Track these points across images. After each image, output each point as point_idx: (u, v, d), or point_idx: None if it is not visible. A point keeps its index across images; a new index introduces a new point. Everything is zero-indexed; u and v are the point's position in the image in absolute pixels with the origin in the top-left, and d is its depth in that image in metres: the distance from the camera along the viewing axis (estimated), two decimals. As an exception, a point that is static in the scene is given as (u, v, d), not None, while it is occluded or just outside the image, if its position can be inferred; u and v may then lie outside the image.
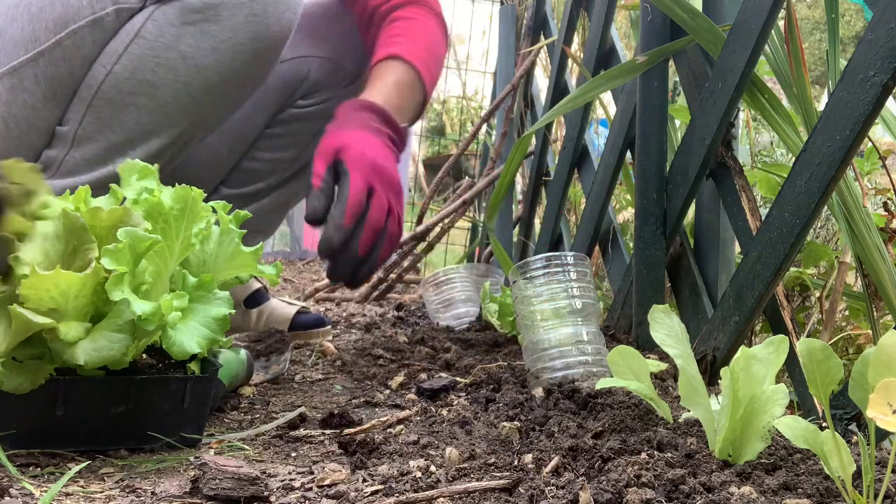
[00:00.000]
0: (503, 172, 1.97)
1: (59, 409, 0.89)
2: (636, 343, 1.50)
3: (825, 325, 1.42)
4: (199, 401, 0.96)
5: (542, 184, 2.42)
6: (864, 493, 0.72)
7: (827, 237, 1.99)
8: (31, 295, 0.83)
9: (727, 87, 1.33)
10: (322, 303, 2.50)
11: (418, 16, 1.50)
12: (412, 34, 1.47)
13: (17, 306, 0.83)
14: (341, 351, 1.59)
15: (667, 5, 1.43)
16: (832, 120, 1.06)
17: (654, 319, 0.92)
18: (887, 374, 0.66)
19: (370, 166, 1.27)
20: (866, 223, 1.16)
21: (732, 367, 0.85)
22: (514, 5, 2.80)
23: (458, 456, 0.88)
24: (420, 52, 1.45)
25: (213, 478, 0.78)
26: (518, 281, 1.24)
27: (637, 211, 1.55)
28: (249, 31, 1.29)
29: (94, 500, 0.79)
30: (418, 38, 1.47)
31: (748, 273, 1.20)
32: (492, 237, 2.10)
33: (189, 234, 0.96)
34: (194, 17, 1.26)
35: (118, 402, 0.92)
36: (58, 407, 0.89)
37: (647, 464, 0.80)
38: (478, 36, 4.16)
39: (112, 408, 0.92)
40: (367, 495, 0.78)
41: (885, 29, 0.98)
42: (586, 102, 1.81)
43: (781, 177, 1.61)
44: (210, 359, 1.01)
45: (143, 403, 0.93)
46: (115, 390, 0.92)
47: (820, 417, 1.08)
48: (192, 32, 1.26)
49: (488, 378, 1.29)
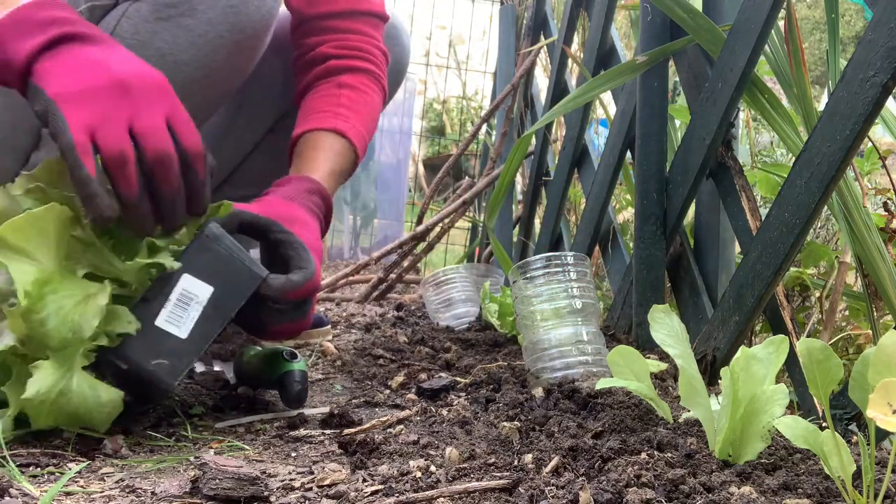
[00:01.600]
0: (503, 172, 1.97)
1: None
2: (636, 343, 1.50)
3: (825, 325, 1.42)
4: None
5: (542, 184, 2.42)
6: (864, 493, 0.72)
7: (827, 237, 1.99)
8: None
9: (727, 87, 1.33)
10: (322, 303, 2.50)
11: (367, 90, 1.46)
12: (359, 111, 1.43)
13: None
14: (341, 351, 1.59)
15: (667, 5, 1.44)
16: (832, 120, 1.06)
17: (654, 319, 0.92)
18: (887, 374, 0.66)
19: (318, 252, 1.20)
20: (866, 223, 1.16)
21: (732, 367, 0.85)
22: (514, 5, 2.80)
23: (458, 456, 0.88)
24: (363, 134, 1.43)
25: (213, 478, 0.78)
26: (518, 281, 1.24)
27: (637, 211, 1.55)
28: (228, 23, 1.24)
29: (94, 500, 0.79)
30: (364, 117, 1.43)
31: (748, 273, 1.20)
32: (492, 237, 2.10)
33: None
34: (169, 12, 1.20)
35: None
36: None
37: (647, 464, 0.80)
38: (478, 36, 4.16)
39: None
40: (367, 495, 0.78)
41: (885, 29, 0.98)
42: (586, 102, 1.81)
43: (781, 177, 1.61)
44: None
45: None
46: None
47: (820, 417, 1.08)
48: (168, 28, 1.21)
49: (488, 378, 1.29)
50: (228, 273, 1.00)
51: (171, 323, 0.96)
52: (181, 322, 0.96)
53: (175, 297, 0.96)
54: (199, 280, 0.98)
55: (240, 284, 1.01)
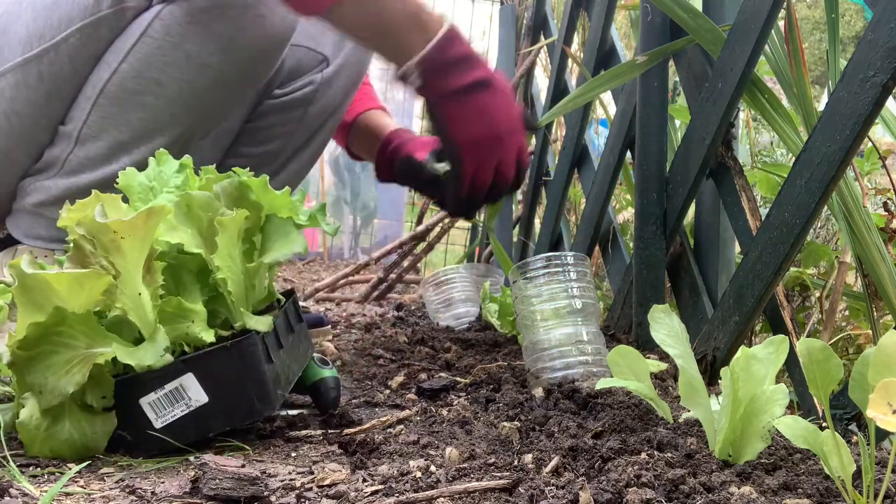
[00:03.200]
0: (503, 172, 1.97)
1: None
2: (636, 343, 1.50)
3: (825, 325, 1.42)
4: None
5: (542, 184, 2.42)
6: (864, 493, 0.72)
7: (827, 237, 1.99)
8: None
9: (727, 87, 1.33)
10: (322, 303, 2.50)
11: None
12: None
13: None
14: (341, 351, 1.59)
15: (667, 5, 1.43)
16: (832, 120, 1.06)
17: (654, 319, 0.92)
18: (887, 374, 0.66)
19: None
20: (866, 223, 1.16)
21: (732, 367, 0.85)
22: (514, 5, 2.80)
23: (458, 456, 0.88)
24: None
25: (213, 478, 0.78)
26: (518, 281, 1.24)
27: (637, 211, 1.55)
28: (255, 31, 1.29)
29: (94, 500, 0.79)
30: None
31: (748, 273, 1.20)
32: (492, 237, 2.10)
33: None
34: (202, 17, 1.25)
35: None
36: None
37: (647, 464, 0.80)
38: (478, 36, 4.16)
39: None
40: (367, 495, 0.78)
41: (885, 29, 0.98)
42: (586, 102, 1.81)
43: (781, 177, 1.61)
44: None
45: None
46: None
47: (820, 417, 1.08)
48: (199, 31, 1.25)
49: (488, 378, 1.29)
50: (231, 395, 0.96)
51: (152, 408, 0.94)
52: (163, 413, 0.94)
53: (169, 388, 0.94)
54: (200, 386, 0.94)
55: (233, 411, 0.96)
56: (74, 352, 0.89)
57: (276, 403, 0.98)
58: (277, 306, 1.09)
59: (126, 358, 0.90)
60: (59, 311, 0.87)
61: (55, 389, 0.88)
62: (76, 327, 0.89)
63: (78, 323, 0.89)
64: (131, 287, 0.91)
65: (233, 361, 0.95)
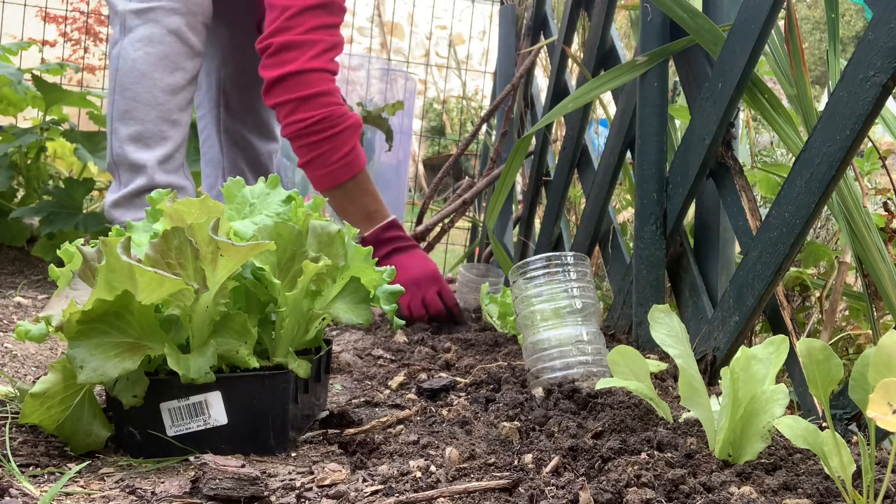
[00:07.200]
0: (503, 173, 1.97)
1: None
2: (636, 343, 1.50)
3: (825, 325, 1.42)
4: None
5: (542, 184, 2.42)
6: (864, 493, 0.72)
7: (827, 237, 1.99)
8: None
9: (727, 87, 1.33)
10: (322, 303, 2.50)
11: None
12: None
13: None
14: (341, 351, 1.59)
15: (667, 5, 1.44)
16: (832, 120, 1.06)
17: (654, 319, 0.92)
18: (887, 374, 0.66)
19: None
20: (866, 223, 1.16)
21: (732, 367, 0.85)
22: (514, 5, 2.80)
23: (458, 456, 0.88)
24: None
25: (213, 478, 0.78)
26: (518, 281, 1.24)
27: (637, 211, 1.55)
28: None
29: (94, 500, 0.79)
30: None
31: (748, 273, 1.20)
32: (492, 237, 2.10)
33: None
34: (138, 45, 1.85)
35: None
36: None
37: (647, 464, 0.80)
38: (478, 36, 4.16)
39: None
40: (367, 495, 0.78)
41: (885, 29, 0.98)
42: (586, 102, 1.81)
43: (781, 177, 1.61)
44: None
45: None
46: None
47: (820, 417, 1.08)
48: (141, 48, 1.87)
49: (488, 378, 1.29)
50: (251, 424, 0.95)
51: (170, 415, 0.93)
52: (179, 423, 0.93)
53: (194, 400, 0.93)
54: (224, 406, 0.94)
55: (248, 442, 0.96)
56: (125, 338, 0.89)
57: (289, 445, 0.98)
58: (313, 352, 1.10)
59: (174, 364, 0.89)
60: (127, 296, 0.87)
61: (99, 369, 0.87)
62: (136, 316, 0.89)
63: (139, 313, 0.89)
64: (205, 297, 0.91)
65: (264, 393, 0.95)
